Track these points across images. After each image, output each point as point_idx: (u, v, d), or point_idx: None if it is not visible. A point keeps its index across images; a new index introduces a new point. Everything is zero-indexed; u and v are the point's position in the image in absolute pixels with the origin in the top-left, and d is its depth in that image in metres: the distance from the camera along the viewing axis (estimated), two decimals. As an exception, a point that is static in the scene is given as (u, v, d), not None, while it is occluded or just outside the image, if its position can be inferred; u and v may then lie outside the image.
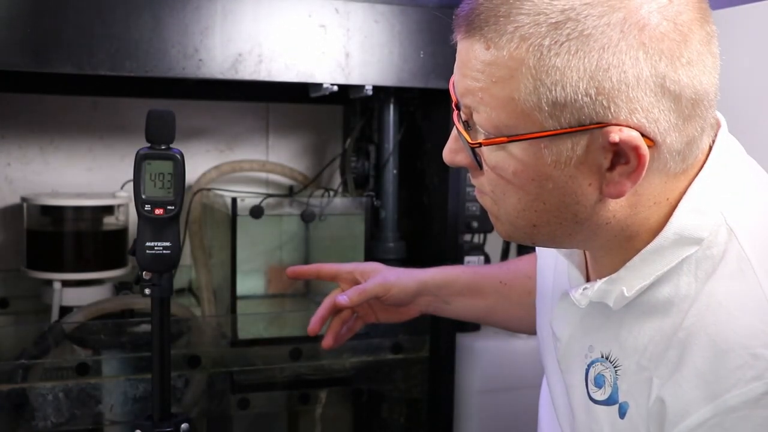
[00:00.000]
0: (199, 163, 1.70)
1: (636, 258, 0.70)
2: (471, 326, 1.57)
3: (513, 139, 0.65)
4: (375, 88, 1.33)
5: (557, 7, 0.61)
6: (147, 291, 0.95)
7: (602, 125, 0.63)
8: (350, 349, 1.44)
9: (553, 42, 0.61)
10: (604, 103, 0.62)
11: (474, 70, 0.65)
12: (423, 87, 1.35)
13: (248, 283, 1.61)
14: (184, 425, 1.00)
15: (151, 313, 0.97)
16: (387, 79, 1.32)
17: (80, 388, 1.29)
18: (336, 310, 1.07)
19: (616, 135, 0.62)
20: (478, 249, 1.51)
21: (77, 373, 1.29)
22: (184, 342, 1.39)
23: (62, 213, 1.48)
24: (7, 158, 1.63)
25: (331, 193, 1.53)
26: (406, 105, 1.52)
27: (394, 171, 1.51)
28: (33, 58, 1.12)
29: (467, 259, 1.48)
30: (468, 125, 0.69)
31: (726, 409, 0.63)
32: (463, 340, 1.50)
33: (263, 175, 1.77)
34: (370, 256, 1.47)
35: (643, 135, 0.63)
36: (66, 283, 1.45)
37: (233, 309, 1.44)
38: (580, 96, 0.62)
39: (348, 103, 1.67)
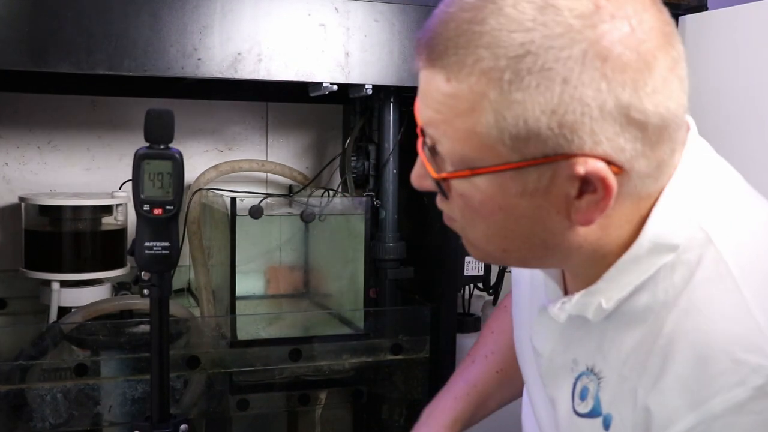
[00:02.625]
0: (198, 162, 1.70)
1: (612, 269, 0.69)
2: (471, 327, 1.57)
3: (476, 172, 0.64)
4: (375, 87, 1.32)
5: (516, 40, 0.60)
6: (146, 291, 0.95)
7: (567, 157, 0.62)
8: (350, 349, 1.44)
9: (513, 76, 0.60)
10: (568, 136, 0.61)
11: (435, 101, 0.64)
12: (423, 86, 1.34)
13: (247, 284, 1.61)
14: (182, 426, 1.00)
15: (150, 313, 0.97)
16: (387, 79, 1.31)
17: (79, 389, 1.28)
18: None
19: (581, 167, 0.62)
20: (479, 249, 1.50)
21: (75, 373, 1.28)
22: (183, 343, 1.38)
23: (60, 213, 1.47)
24: (5, 158, 1.63)
25: (331, 193, 1.52)
26: (406, 104, 1.51)
27: (394, 171, 1.51)
28: (31, 57, 1.12)
29: (467, 259, 1.48)
30: (434, 151, 0.68)
31: (710, 417, 0.62)
32: (463, 340, 1.50)
33: (262, 175, 1.76)
34: (370, 256, 1.47)
35: (609, 163, 0.62)
36: (64, 284, 1.44)
37: (232, 309, 1.43)
38: (542, 130, 0.61)
39: (348, 102, 1.66)
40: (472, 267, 1.48)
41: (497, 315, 1.09)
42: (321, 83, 1.28)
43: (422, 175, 0.71)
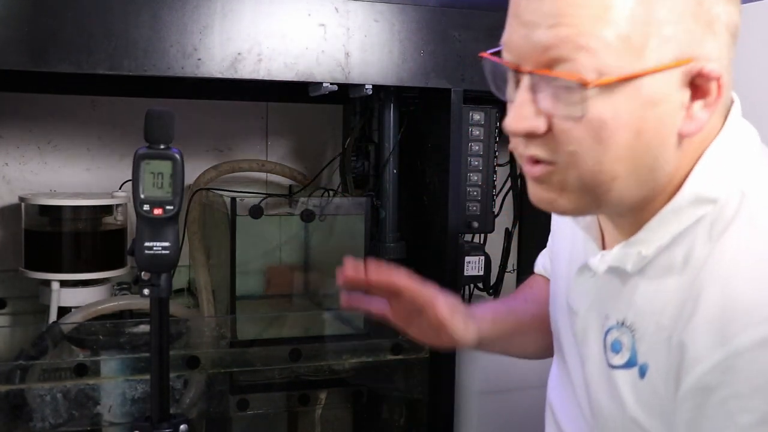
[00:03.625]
0: (198, 162, 1.70)
1: (653, 220, 0.73)
2: (471, 327, 1.56)
3: (624, 78, 0.66)
4: (375, 87, 1.32)
5: None
6: (146, 291, 0.94)
7: (696, 59, 0.67)
8: (350, 349, 1.44)
9: None
10: (699, 35, 0.67)
11: (568, 15, 0.66)
12: (423, 86, 1.35)
13: (247, 284, 1.61)
14: (182, 426, 1.00)
15: (150, 313, 0.97)
16: (387, 79, 1.31)
17: (78, 389, 1.28)
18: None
19: (709, 67, 0.67)
20: (478, 249, 1.50)
21: (75, 374, 1.28)
22: (183, 343, 1.38)
23: (60, 213, 1.47)
24: (5, 158, 1.63)
25: (331, 193, 1.52)
26: (406, 105, 1.51)
27: (394, 171, 1.51)
28: (31, 57, 1.12)
29: (467, 259, 1.48)
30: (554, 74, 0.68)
31: (735, 352, 0.65)
32: (464, 340, 1.49)
33: (262, 175, 1.76)
34: (370, 256, 1.47)
35: None
36: (64, 284, 1.44)
37: (232, 309, 1.43)
38: (683, 28, 0.66)
39: (348, 102, 1.66)
40: (472, 267, 1.48)
41: (524, 286, 1.12)
42: (321, 83, 1.28)
43: (526, 115, 0.70)
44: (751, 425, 0.65)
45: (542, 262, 1.09)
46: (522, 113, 0.70)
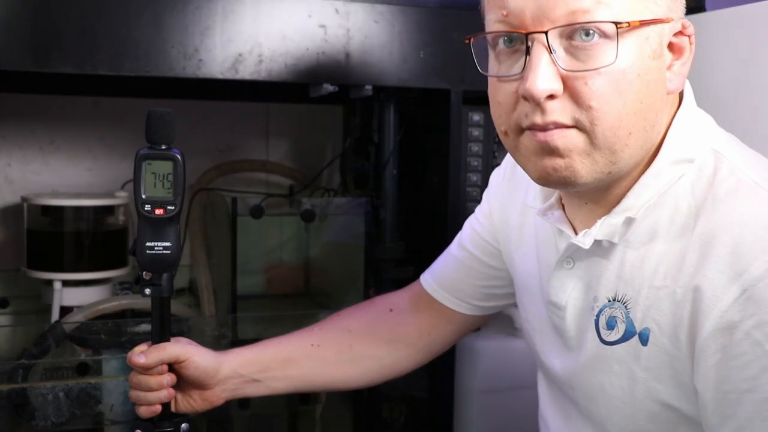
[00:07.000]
0: (199, 162, 1.70)
1: (636, 186, 0.76)
2: (471, 326, 1.57)
3: (643, 22, 0.70)
4: (375, 88, 1.33)
5: None
6: (147, 291, 0.95)
7: (677, 18, 0.74)
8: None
9: None
10: None
11: None
12: (423, 87, 1.35)
13: (248, 283, 1.61)
14: (184, 425, 1.01)
15: (151, 313, 0.97)
16: (387, 79, 1.32)
17: (80, 388, 1.29)
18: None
19: (686, 23, 0.74)
20: (478, 249, 1.50)
21: (77, 373, 1.29)
22: (184, 342, 1.38)
23: (62, 213, 1.48)
24: (8, 158, 1.63)
25: (331, 193, 1.53)
26: (406, 105, 1.52)
27: (394, 171, 1.51)
28: (33, 58, 1.12)
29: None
30: (596, 30, 0.70)
31: (752, 281, 0.66)
32: (464, 339, 1.50)
33: (263, 175, 1.77)
34: (370, 256, 1.47)
35: None
36: (66, 283, 1.45)
37: (233, 309, 1.44)
38: None
39: (348, 103, 1.67)
40: (472, 267, 1.49)
41: (351, 309, 1.16)
42: (321, 84, 1.28)
43: (549, 77, 0.70)
44: None
45: (431, 278, 1.12)
46: (545, 74, 0.69)
